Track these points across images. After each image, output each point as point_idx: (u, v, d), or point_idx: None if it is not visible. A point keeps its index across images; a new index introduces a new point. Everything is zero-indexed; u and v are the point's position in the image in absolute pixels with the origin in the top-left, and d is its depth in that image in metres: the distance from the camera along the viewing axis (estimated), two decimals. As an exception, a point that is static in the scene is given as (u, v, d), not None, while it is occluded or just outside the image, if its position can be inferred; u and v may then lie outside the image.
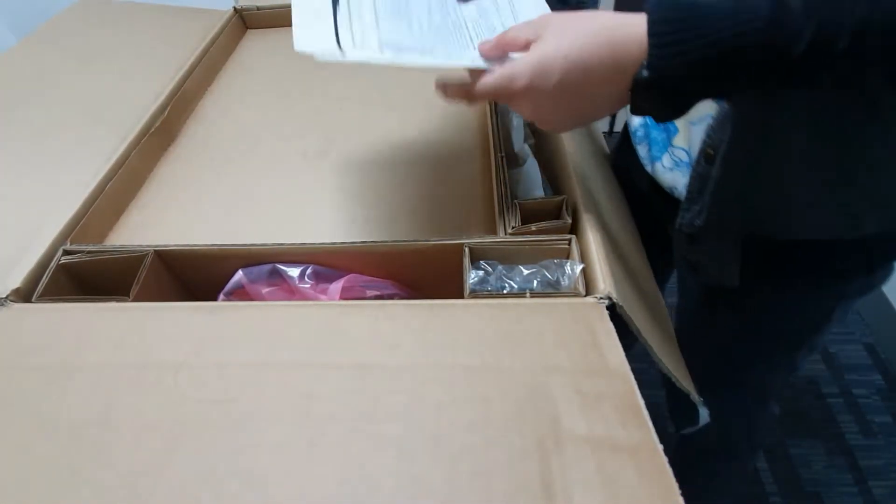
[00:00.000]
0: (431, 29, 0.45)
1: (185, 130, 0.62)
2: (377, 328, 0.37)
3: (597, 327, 0.35)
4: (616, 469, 0.28)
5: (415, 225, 0.49)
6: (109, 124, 0.57)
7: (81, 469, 0.30)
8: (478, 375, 0.33)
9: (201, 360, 0.35)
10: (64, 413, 0.33)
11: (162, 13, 0.80)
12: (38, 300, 0.41)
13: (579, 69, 0.34)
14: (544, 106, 0.37)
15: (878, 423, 1.15)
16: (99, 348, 0.37)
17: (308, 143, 0.57)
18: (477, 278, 0.41)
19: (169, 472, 0.30)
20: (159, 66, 0.66)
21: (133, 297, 0.41)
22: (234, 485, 0.29)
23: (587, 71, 0.34)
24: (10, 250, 0.44)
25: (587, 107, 0.37)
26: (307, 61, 0.39)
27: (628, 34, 0.33)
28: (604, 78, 0.34)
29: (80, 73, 0.67)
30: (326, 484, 0.29)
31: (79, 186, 0.49)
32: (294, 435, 0.31)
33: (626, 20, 0.33)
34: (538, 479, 0.28)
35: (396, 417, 0.31)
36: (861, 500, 1.03)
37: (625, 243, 0.47)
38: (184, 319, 0.38)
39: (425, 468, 0.29)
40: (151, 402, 0.33)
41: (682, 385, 0.40)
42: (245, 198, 0.52)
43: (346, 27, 0.44)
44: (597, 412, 0.31)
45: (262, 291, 0.45)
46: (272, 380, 0.34)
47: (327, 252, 0.44)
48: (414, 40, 0.44)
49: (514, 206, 0.44)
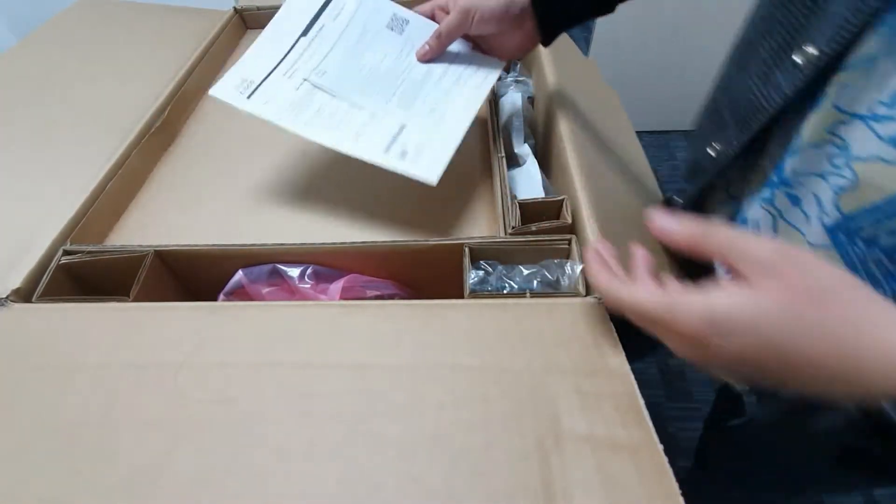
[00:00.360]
0: (372, 75, 0.50)
1: (185, 130, 0.62)
2: (377, 328, 0.37)
3: (597, 327, 0.36)
4: (616, 469, 0.28)
5: (415, 225, 0.49)
6: (109, 124, 0.57)
7: (81, 469, 0.30)
8: (478, 375, 0.33)
9: (201, 360, 0.35)
10: (64, 413, 0.33)
11: (162, 13, 0.80)
12: (38, 300, 0.41)
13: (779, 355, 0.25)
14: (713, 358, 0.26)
15: (878, 423, 1.15)
16: (99, 348, 0.37)
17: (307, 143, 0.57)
18: (477, 278, 0.41)
19: (169, 472, 0.30)
20: (159, 66, 0.66)
21: (133, 297, 0.41)
22: (234, 484, 0.29)
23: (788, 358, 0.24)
24: (11, 250, 0.44)
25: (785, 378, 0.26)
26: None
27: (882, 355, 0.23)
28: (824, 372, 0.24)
29: (80, 74, 0.67)
30: (326, 483, 0.29)
31: (79, 186, 0.49)
32: (294, 435, 0.31)
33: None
34: (538, 479, 0.28)
35: (396, 417, 0.31)
36: (860, 499, 1.04)
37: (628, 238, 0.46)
38: (184, 319, 0.38)
39: (425, 468, 0.29)
40: (151, 401, 0.33)
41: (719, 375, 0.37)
42: (245, 197, 0.52)
43: (296, 54, 0.50)
44: (597, 412, 0.31)
45: (262, 291, 0.45)
46: (272, 380, 0.34)
47: (327, 252, 0.44)
48: (342, 82, 0.49)
49: (515, 206, 0.44)
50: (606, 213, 0.44)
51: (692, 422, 1.14)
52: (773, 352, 0.24)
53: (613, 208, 0.46)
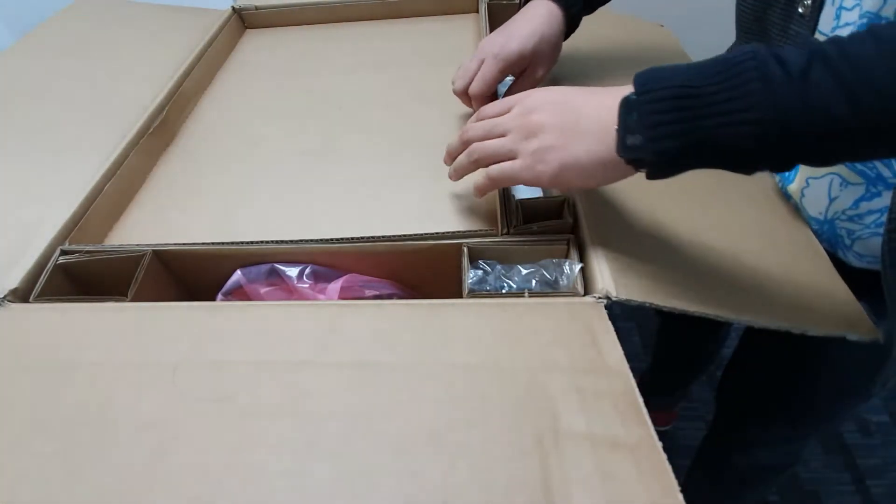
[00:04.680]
0: None
1: (183, 130, 0.62)
2: (376, 328, 0.37)
3: (596, 326, 0.36)
4: (615, 467, 0.28)
5: (414, 224, 0.48)
6: (108, 124, 0.57)
7: (79, 467, 0.30)
8: (476, 374, 0.33)
9: (199, 360, 0.35)
10: (61, 412, 0.33)
11: (160, 13, 0.80)
12: (35, 300, 0.41)
13: (560, 98, 0.38)
14: (538, 111, 0.38)
15: (876, 422, 1.15)
16: (96, 348, 0.37)
17: (307, 143, 0.57)
18: (476, 278, 0.41)
19: (166, 471, 0.30)
20: (158, 66, 0.66)
21: (131, 297, 0.41)
22: (233, 483, 0.29)
23: (574, 96, 0.38)
24: (8, 250, 0.44)
25: (577, 126, 0.36)
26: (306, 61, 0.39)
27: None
28: (592, 104, 0.36)
29: (77, 73, 0.67)
30: (325, 482, 0.29)
31: (77, 186, 0.49)
32: (292, 433, 0.31)
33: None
34: (537, 478, 0.28)
35: (395, 416, 0.31)
36: (859, 498, 1.04)
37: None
38: (182, 319, 0.38)
39: (424, 466, 0.29)
40: (149, 400, 0.33)
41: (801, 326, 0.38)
42: (244, 197, 0.52)
43: None
44: (596, 410, 0.31)
45: (260, 291, 0.45)
46: (270, 379, 0.34)
47: (326, 252, 0.44)
48: None
49: (515, 205, 0.44)
50: (607, 212, 0.44)
51: (692, 421, 1.14)
52: (560, 103, 0.37)
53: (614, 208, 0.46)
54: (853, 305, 0.42)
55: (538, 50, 0.51)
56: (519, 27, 0.51)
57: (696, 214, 0.47)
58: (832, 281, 0.45)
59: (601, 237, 0.41)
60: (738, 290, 0.41)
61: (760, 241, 0.47)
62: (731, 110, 0.30)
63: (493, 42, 0.51)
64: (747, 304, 0.40)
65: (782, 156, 0.30)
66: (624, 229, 0.43)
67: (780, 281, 0.43)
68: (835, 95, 0.28)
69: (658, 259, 0.41)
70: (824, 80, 0.28)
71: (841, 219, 0.47)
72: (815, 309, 0.42)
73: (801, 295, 0.42)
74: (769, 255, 0.45)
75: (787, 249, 0.47)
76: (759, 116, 0.29)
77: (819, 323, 0.40)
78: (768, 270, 0.44)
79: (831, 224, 0.48)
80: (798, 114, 0.28)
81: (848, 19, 0.40)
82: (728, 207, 0.49)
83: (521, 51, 0.50)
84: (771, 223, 0.49)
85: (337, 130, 0.58)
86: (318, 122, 0.60)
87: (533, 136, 0.37)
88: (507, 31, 0.52)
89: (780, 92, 0.28)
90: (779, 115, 0.29)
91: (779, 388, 0.62)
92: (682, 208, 0.47)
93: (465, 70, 0.52)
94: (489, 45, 0.51)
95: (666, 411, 1.13)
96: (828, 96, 0.28)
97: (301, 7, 0.78)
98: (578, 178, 0.37)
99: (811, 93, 0.28)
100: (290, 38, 0.77)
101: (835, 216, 0.47)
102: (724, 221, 0.47)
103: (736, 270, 0.42)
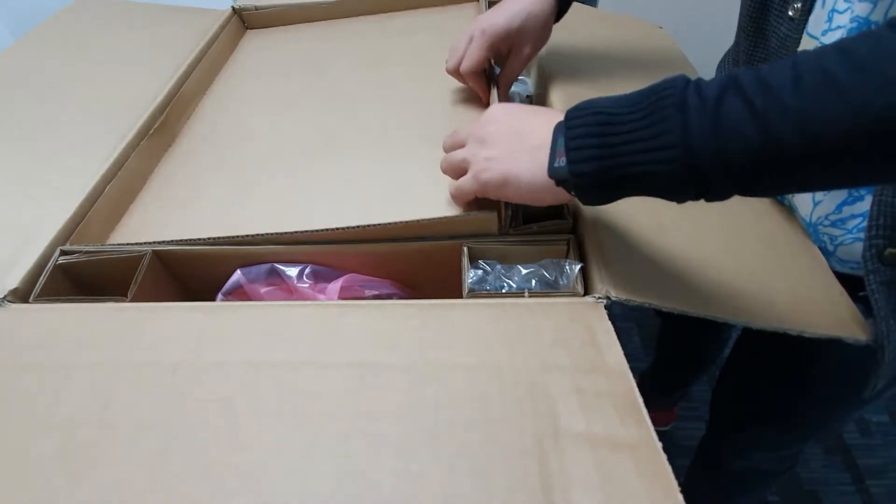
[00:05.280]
0: None
1: (184, 130, 0.62)
2: (376, 328, 0.37)
3: (595, 326, 0.36)
4: (615, 467, 0.28)
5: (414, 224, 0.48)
6: (108, 124, 0.57)
7: (78, 468, 0.30)
8: (476, 374, 0.33)
9: (199, 360, 0.35)
10: (61, 412, 0.33)
11: (160, 13, 0.80)
12: (35, 301, 0.41)
13: (514, 113, 0.40)
14: (489, 135, 0.39)
15: (876, 422, 1.15)
16: (96, 348, 0.37)
17: (307, 143, 0.57)
18: (476, 278, 0.41)
19: (166, 471, 0.30)
20: (158, 66, 0.66)
21: (131, 297, 0.41)
22: (232, 483, 0.29)
23: (527, 114, 0.39)
24: (8, 251, 0.44)
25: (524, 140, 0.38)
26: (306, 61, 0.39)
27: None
28: (535, 124, 0.38)
29: (78, 73, 0.67)
30: (324, 482, 0.29)
31: (77, 187, 0.49)
32: (292, 434, 0.31)
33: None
34: (537, 478, 0.28)
35: (395, 416, 0.31)
36: (858, 498, 1.04)
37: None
38: (182, 319, 0.38)
39: (424, 467, 0.29)
40: (149, 400, 0.33)
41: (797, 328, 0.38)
42: (244, 197, 0.52)
43: None
44: (596, 410, 0.31)
45: (260, 291, 0.45)
46: (270, 379, 0.34)
47: (326, 252, 0.44)
48: None
49: (515, 205, 0.44)
50: (607, 213, 0.44)
51: (692, 421, 1.14)
52: (513, 119, 0.39)
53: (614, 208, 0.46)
54: (849, 308, 0.42)
55: (525, 27, 0.52)
56: (509, 5, 0.53)
57: (695, 216, 0.47)
58: (829, 283, 0.45)
59: (601, 237, 0.41)
60: (736, 291, 0.41)
61: (759, 243, 0.47)
62: (646, 137, 0.30)
63: (482, 19, 0.53)
64: (745, 306, 0.40)
65: (700, 184, 0.30)
66: (624, 230, 0.43)
67: (778, 283, 0.43)
68: (744, 121, 0.28)
69: (658, 260, 0.41)
70: (734, 107, 0.28)
71: (824, 224, 0.47)
72: (812, 311, 0.42)
73: (799, 297, 0.43)
74: (767, 257, 0.45)
75: (784, 251, 0.47)
76: (671, 142, 0.29)
77: (816, 325, 0.40)
78: (767, 272, 0.44)
79: (814, 229, 0.48)
80: (708, 140, 0.28)
81: (840, 22, 0.41)
82: (727, 209, 0.48)
83: (508, 27, 0.51)
84: (768, 225, 0.50)
85: (338, 130, 0.58)
86: (318, 121, 0.60)
87: (484, 145, 0.39)
88: (497, 9, 0.53)
89: (693, 119, 0.29)
90: (690, 141, 0.29)
91: (772, 393, 0.62)
92: (681, 209, 0.47)
93: (455, 48, 0.53)
94: (478, 22, 0.53)
95: (666, 411, 1.13)
96: (737, 122, 0.28)
97: (301, 7, 0.78)
98: (517, 193, 0.38)
99: (722, 119, 0.28)
100: (290, 37, 0.77)
101: (818, 221, 0.47)
102: (723, 223, 0.47)
103: (735, 272, 0.42)
